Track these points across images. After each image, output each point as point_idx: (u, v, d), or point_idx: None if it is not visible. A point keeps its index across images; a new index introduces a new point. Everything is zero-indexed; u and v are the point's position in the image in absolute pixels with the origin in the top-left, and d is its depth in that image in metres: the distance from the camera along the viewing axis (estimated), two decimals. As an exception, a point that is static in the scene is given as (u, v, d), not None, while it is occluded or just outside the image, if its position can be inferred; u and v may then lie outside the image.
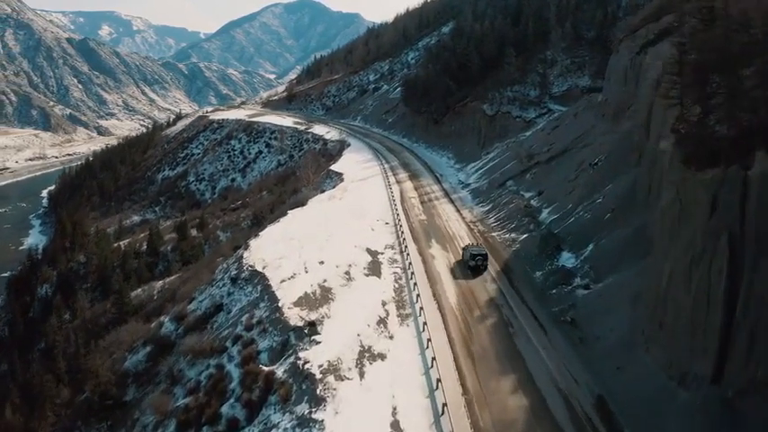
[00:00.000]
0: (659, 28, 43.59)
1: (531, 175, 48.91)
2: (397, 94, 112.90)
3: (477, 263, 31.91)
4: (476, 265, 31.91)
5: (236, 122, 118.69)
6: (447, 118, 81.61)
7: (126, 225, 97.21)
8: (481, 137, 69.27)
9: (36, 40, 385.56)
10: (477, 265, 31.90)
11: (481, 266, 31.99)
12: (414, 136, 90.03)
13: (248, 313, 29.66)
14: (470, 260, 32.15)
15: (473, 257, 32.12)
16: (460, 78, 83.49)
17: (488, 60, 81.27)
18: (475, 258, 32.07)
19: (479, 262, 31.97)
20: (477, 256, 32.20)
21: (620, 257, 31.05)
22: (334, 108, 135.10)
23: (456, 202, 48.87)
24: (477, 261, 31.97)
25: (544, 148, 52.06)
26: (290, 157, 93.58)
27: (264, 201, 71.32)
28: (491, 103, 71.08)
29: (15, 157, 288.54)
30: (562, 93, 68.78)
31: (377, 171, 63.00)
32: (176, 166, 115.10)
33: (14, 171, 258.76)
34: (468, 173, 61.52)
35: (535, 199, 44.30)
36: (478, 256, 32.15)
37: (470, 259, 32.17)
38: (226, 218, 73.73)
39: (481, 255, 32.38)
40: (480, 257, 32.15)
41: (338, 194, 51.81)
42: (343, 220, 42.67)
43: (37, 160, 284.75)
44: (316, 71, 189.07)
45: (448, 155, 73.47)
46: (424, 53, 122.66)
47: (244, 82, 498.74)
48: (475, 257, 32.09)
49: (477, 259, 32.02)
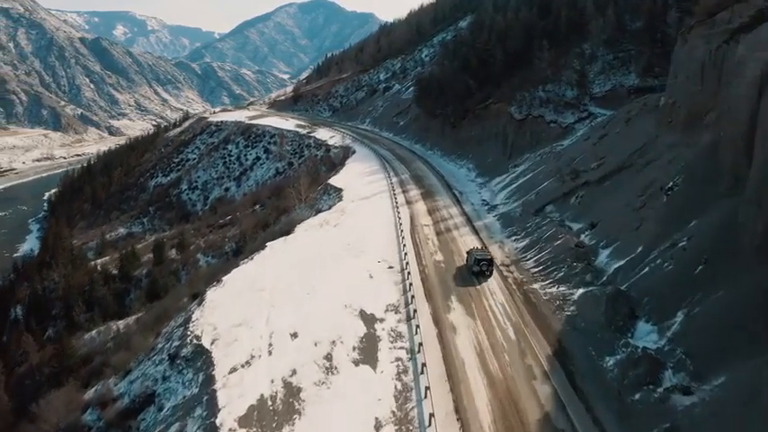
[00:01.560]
0: (754, 9, 32.95)
1: (577, 199, 38.43)
2: (409, 94, 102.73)
3: (481, 268, 30.53)
4: (480, 270, 30.49)
5: (234, 125, 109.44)
6: (466, 122, 71.19)
7: (110, 238, 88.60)
8: (507, 145, 58.81)
9: (48, 40, 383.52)
10: (481, 271, 30.49)
11: (486, 272, 30.46)
12: (428, 142, 79.76)
13: (180, 422, 19.90)
14: (474, 265, 30.61)
15: (477, 263, 30.61)
16: (481, 76, 73.02)
17: (514, 56, 70.55)
18: (479, 264, 30.58)
19: (484, 267, 30.53)
20: (482, 261, 30.63)
21: (729, 338, 20.76)
22: (341, 109, 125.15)
23: (481, 231, 38.52)
24: (481, 266, 30.56)
25: (591, 164, 41.49)
26: (290, 165, 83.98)
27: (254, 218, 61.77)
28: (519, 104, 60.52)
29: (23, 157, 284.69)
30: (605, 93, 57.99)
31: (383, 186, 52.97)
32: (170, 173, 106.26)
33: (20, 172, 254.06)
34: (493, 190, 51.13)
35: (587, 234, 33.82)
36: (483, 261, 30.61)
37: (474, 264, 30.63)
38: (211, 236, 64.36)
39: (486, 260, 30.69)
40: (485, 263, 30.59)
41: (333, 219, 41.92)
42: (335, 258, 32.74)
43: (44, 161, 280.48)
44: (325, 70, 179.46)
45: (468, 165, 63.11)
46: (439, 49, 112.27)
47: (257, 82, 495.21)
48: (479, 263, 30.59)
49: (482, 264, 30.58)
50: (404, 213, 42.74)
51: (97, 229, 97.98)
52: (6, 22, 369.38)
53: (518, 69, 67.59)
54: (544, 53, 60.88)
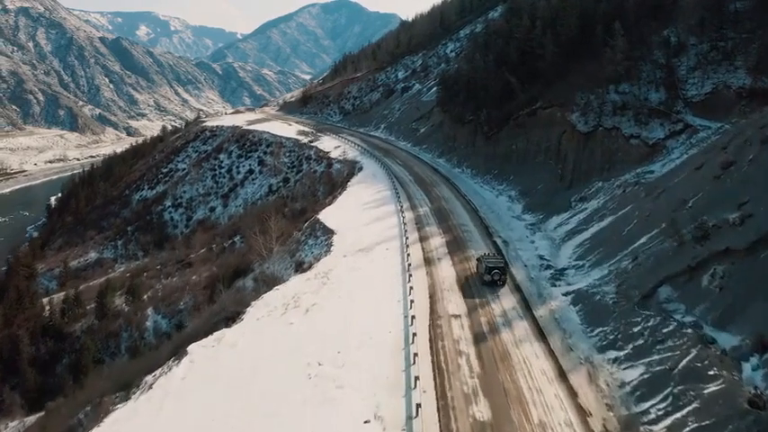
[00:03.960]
0: None
1: (714, 281, 22.20)
2: (431, 95, 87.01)
3: (493, 277, 26.90)
4: (492, 279, 26.92)
5: (231, 131, 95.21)
6: (505, 131, 55.07)
7: (78, 264, 75.25)
8: (566, 167, 42.66)
9: (68, 39, 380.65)
10: (493, 280, 26.89)
11: (498, 281, 26.84)
12: (454, 156, 63.86)
13: None
14: (486, 273, 27.01)
15: (489, 271, 27.01)
16: (524, 73, 56.84)
17: (568, 45, 54.16)
18: (491, 272, 26.96)
19: (496, 276, 26.92)
20: (495, 269, 27.07)
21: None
22: (353, 113, 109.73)
23: (551, 336, 21.98)
24: (493, 276, 26.93)
25: (725, 213, 25.12)
26: (285, 182, 69.26)
27: (225, 260, 46.99)
28: (583, 111, 44.11)
29: (36, 158, 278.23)
30: (704, 97, 41.33)
31: (392, 227, 37.44)
32: (157, 185, 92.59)
33: (29, 174, 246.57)
34: (552, 237, 35.01)
35: (755, 361, 17.77)
36: (495, 270, 27.04)
37: (486, 272, 27.02)
38: (173, 281, 49.82)
39: (498, 268, 27.17)
40: (497, 271, 27.01)
41: (308, 295, 26.67)
42: (285, 412, 17.40)
43: (57, 162, 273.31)
44: (341, 70, 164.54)
45: (509, 192, 47.12)
46: (466, 44, 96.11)
47: (278, 82, 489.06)
48: (491, 271, 26.99)
49: (494, 273, 26.95)
50: (419, 286, 27.16)
51: (71, 250, 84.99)
52: (26, 21, 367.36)
53: (576, 63, 51.22)
54: (617, 40, 44.12)
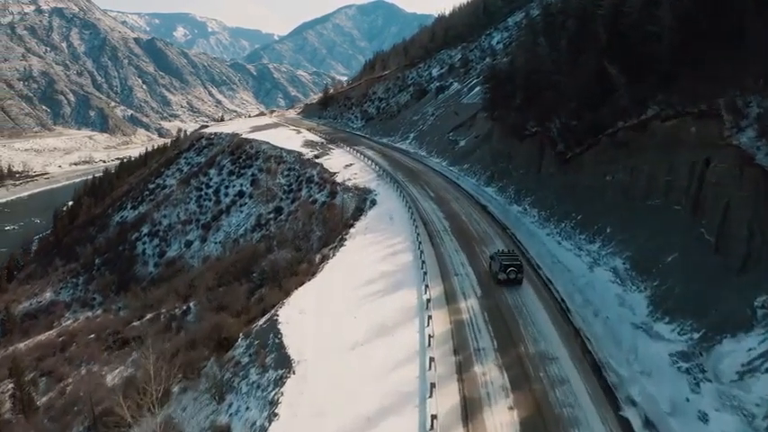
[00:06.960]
0: None
1: None
2: (474, 97, 68.38)
3: (509, 276, 24.10)
4: (507, 278, 24.11)
5: (228, 140, 79.00)
6: (593, 153, 35.50)
7: (26, 309, 60.01)
8: (728, 228, 23.14)
9: (101, 40, 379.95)
10: (509, 279, 24.14)
11: (515, 280, 24.19)
12: (510, 184, 44.70)
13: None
14: (500, 272, 24.10)
15: (504, 269, 24.02)
16: (623, 65, 37.12)
17: (693, 26, 34.18)
18: (507, 270, 24.02)
19: (512, 275, 24.09)
20: (510, 267, 24.09)
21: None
22: (377, 117, 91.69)
23: None
24: (509, 274, 24.09)
25: None
26: (277, 212, 52.14)
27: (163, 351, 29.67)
28: (763, 129, 24.64)
29: (61, 160, 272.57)
30: None
31: (406, 351, 19.21)
32: (140, 203, 77.22)
33: (51, 177, 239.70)
34: (742, 401, 16.14)
35: None
36: (511, 268, 24.09)
37: (501, 271, 24.09)
38: (85, 377, 32.80)
39: (515, 266, 24.28)
40: (513, 269, 24.14)
41: None
42: None
43: (82, 164, 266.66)
44: (370, 69, 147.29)
45: (611, 259, 27.76)
46: (517, 33, 76.95)
47: (313, 83, 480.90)
48: (507, 269, 24.02)
49: (510, 272, 24.04)
50: None
51: (32, 284, 70.30)
52: (60, 21, 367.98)
53: (711, 50, 31.41)
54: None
